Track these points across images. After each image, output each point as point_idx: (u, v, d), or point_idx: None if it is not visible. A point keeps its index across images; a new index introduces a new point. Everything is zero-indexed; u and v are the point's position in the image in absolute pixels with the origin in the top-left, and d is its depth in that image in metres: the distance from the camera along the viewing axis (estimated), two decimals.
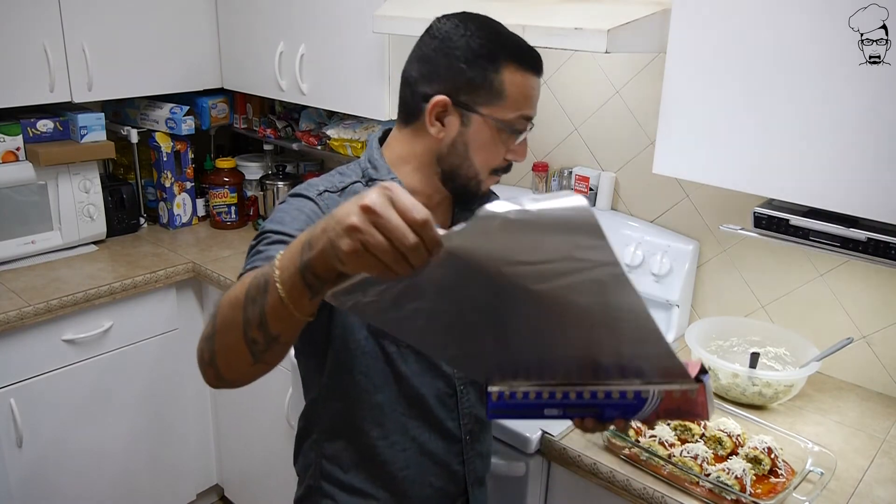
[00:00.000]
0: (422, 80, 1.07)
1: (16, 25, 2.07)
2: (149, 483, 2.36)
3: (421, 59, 1.08)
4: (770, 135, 1.33)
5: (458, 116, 1.06)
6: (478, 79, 1.04)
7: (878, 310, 1.61)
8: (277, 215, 1.06)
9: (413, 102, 1.09)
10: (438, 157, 1.10)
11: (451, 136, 1.07)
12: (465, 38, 1.04)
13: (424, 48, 1.08)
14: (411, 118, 1.10)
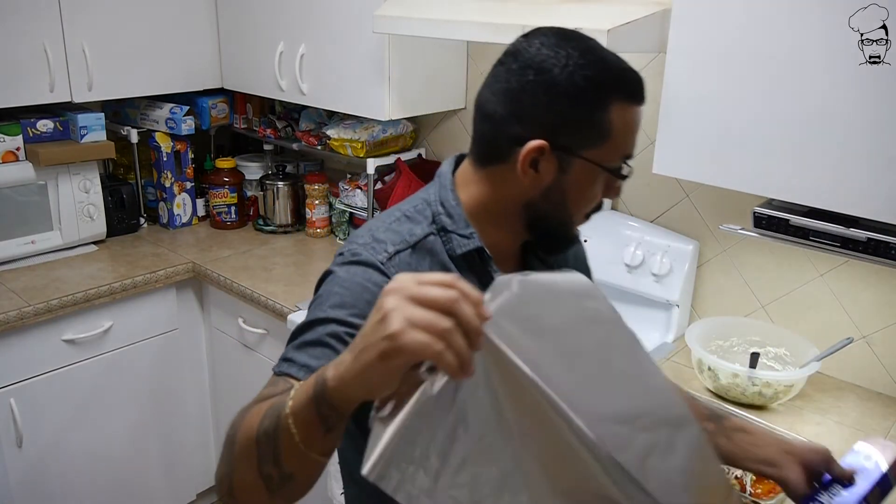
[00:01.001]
0: (511, 119, 0.91)
1: (16, 25, 2.07)
2: (149, 483, 2.36)
3: (509, 93, 0.91)
4: (770, 135, 1.33)
5: (555, 162, 0.91)
6: (583, 119, 0.89)
7: (878, 310, 1.61)
8: (336, 290, 0.89)
9: (499, 143, 0.93)
10: (527, 204, 0.95)
11: (545, 183, 0.92)
12: (567, 71, 0.88)
13: (513, 80, 0.91)
14: (494, 160, 0.94)
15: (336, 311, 0.87)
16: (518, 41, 0.93)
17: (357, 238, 0.96)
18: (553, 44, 0.90)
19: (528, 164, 0.90)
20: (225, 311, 2.28)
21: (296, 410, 0.66)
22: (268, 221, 2.62)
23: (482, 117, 0.95)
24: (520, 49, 0.92)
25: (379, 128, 2.27)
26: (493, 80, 0.94)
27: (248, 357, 2.24)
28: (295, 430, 0.66)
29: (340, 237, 2.53)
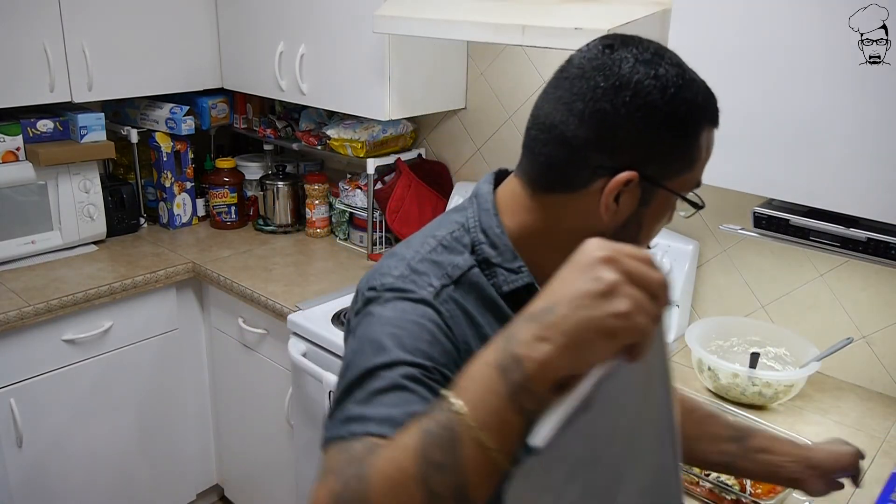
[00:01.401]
0: (599, 146, 0.77)
1: (16, 25, 2.07)
2: (149, 483, 2.36)
3: (598, 116, 0.76)
4: (770, 135, 1.33)
5: (638, 193, 0.80)
6: (677, 148, 0.80)
7: (878, 310, 1.61)
8: (390, 330, 0.74)
9: (574, 171, 0.79)
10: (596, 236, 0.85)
11: (623, 216, 0.81)
12: (669, 94, 0.77)
13: (605, 101, 0.76)
14: (562, 188, 0.80)
15: (402, 353, 0.72)
16: (599, 52, 0.79)
17: (390, 269, 0.81)
18: (647, 60, 0.78)
19: (613, 197, 0.79)
20: (225, 311, 2.29)
21: (485, 419, 0.55)
22: (268, 221, 2.62)
23: (554, 140, 0.79)
24: (608, 63, 0.77)
25: (379, 128, 2.27)
26: (569, 95, 0.78)
27: (248, 357, 2.24)
28: (491, 443, 0.55)
29: (340, 237, 2.53)
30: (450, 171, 2.41)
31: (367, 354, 0.73)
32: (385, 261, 0.84)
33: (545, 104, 0.82)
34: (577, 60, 0.81)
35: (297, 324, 1.91)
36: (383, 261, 0.84)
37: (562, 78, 0.81)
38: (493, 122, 2.24)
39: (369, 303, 0.79)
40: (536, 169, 0.82)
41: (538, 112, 0.83)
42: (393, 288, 0.79)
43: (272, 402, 2.17)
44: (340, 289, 2.10)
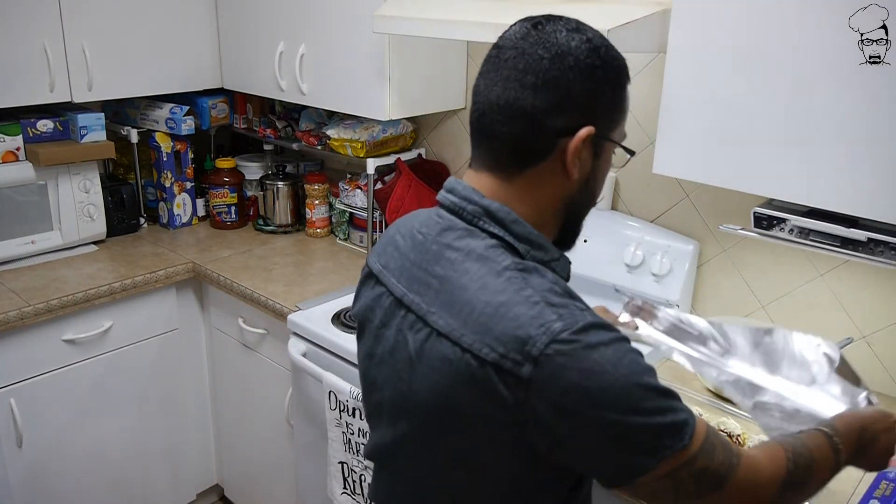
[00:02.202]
0: (554, 111, 0.84)
1: (16, 25, 2.07)
2: (149, 483, 2.36)
3: (550, 83, 0.83)
4: (770, 135, 1.33)
5: (591, 148, 0.88)
6: (617, 101, 0.89)
7: (878, 310, 1.61)
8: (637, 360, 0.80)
9: (537, 140, 0.85)
10: (568, 202, 0.90)
11: (584, 172, 0.89)
12: (602, 54, 0.85)
13: (553, 69, 0.83)
14: (531, 161, 0.87)
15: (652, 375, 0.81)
16: (529, 29, 0.86)
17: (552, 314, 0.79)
18: (575, 28, 0.86)
19: (578, 153, 0.85)
20: (225, 311, 2.29)
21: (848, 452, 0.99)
22: (268, 221, 2.62)
23: (514, 116, 0.85)
24: (543, 37, 0.84)
25: (379, 128, 2.27)
26: (516, 73, 0.84)
27: (248, 357, 2.24)
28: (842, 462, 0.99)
29: (340, 237, 2.53)
30: (450, 171, 2.41)
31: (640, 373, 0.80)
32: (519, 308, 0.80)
33: (493, 90, 0.86)
34: (509, 42, 0.87)
35: (297, 324, 1.91)
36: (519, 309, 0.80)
37: (500, 60, 0.87)
38: None
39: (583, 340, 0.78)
40: (504, 152, 0.87)
41: (488, 98, 0.87)
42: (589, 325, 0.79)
43: (272, 402, 2.17)
44: (340, 289, 2.10)
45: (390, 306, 0.94)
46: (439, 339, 0.84)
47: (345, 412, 1.71)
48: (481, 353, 0.79)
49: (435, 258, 0.89)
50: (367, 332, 0.99)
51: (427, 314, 0.87)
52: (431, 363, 0.85)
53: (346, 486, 1.77)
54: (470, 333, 0.81)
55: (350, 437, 1.72)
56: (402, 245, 0.95)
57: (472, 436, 0.85)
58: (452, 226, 0.90)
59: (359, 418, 1.68)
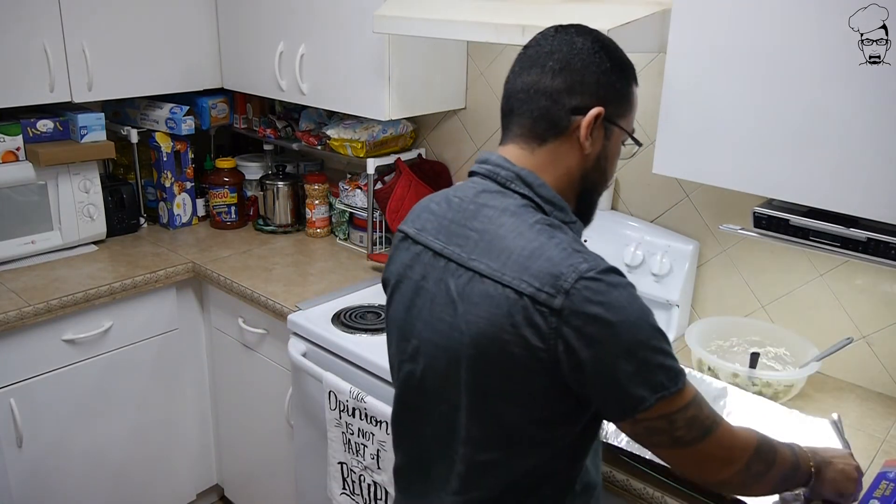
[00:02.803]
0: (570, 92, 1.01)
1: (16, 25, 2.07)
2: (149, 483, 2.36)
3: (566, 69, 1.01)
4: (770, 135, 1.33)
5: (602, 130, 1.03)
6: (625, 92, 1.05)
7: (878, 310, 1.61)
8: (645, 304, 0.95)
9: (557, 115, 1.02)
10: (584, 174, 1.05)
11: (596, 150, 1.04)
12: (611, 50, 1.04)
13: (564, 58, 1.02)
14: (552, 133, 1.03)
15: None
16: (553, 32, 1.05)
17: (579, 258, 0.93)
18: (588, 31, 1.05)
19: (590, 130, 1.01)
20: (225, 311, 2.29)
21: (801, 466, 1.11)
22: (268, 221, 2.62)
23: (535, 95, 1.02)
24: (563, 37, 1.04)
25: (379, 128, 2.27)
26: (540, 63, 1.02)
27: (248, 357, 2.24)
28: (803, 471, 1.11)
29: (340, 237, 2.53)
30: (450, 171, 2.41)
31: (649, 315, 0.93)
32: (551, 252, 0.94)
33: (519, 78, 1.05)
34: (535, 42, 1.06)
35: (297, 324, 1.91)
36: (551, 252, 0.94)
37: (526, 57, 1.05)
38: (493, 122, 2.24)
39: (622, 282, 0.93)
40: (527, 125, 1.04)
41: (515, 85, 1.05)
42: (614, 269, 0.94)
43: (272, 402, 2.17)
44: (340, 289, 2.10)
45: (430, 260, 1.05)
46: (481, 280, 0.97)
47: (345, 412, 1.71)
48: (520, 287, 0.93)
49: (473, 215, 1.03)
50: (405, 287, 1.09)
51: (468, 261, 1.00)
52: (474, 300, 0.97)
53: (346, 486, 1.77)
54: (509, 272, 0.95)
55: (350, 438, 1.72)
56: (438, 209, 1.08)
57: (509, 363, 0.95)
58: (487, 188, 1.04)
59: (358, 418, 1.68)
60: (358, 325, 1.86)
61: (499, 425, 1.00)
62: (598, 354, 0.91)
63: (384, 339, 1.81)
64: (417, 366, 1.08)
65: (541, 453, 1.02)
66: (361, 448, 1.69)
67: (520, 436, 1.00)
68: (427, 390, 1.08)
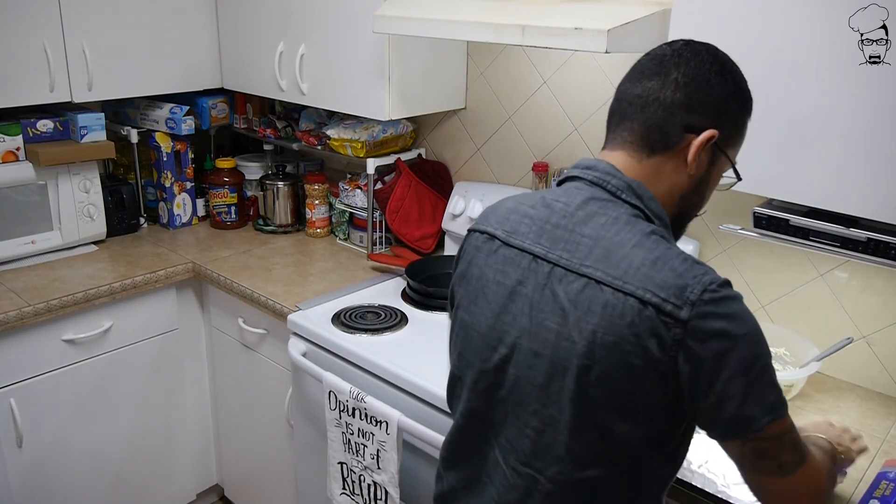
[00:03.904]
0: (689, 109, 0.98)
1: (16, 25, 2.07)
2: (149, 483, 2.36)
3: (692, 83, 0.98)
4: (770, 135, 1.33)
5: (709, 153, 1.01)
6: (741, 121, 1.03)
7: (878, 310, 1.61)
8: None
9: (671, 129, 0.98)
10: (683, 194, 1.03)
11: (699, 173, 1.01)
12: (740, 77, 1.02)
13: (693, 70, 0.98)
14: (661, 146, 0.99)
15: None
16: (682, 44, 1.02)
17: (701, 269, 0.92)
18: (719, 51, 1.03)
19: (699, 151, 0.98)
20: (225, 311, 2.29)
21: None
22: (268, 221, 2.62)
23: (652, 104, 0.99)
24: (695, 47, 1.00)
25: (379, 128, 2.27)
26: (662, 71, 0.99)
27: (248, 357, 2.24)
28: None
29: (340, 237, 2.53)
30: (450, 171, 2.41)
31: (763, 342, 0.92)
32: (674, 262, 0.92)
33: (638, 84, 1.00)
34: (661, 51, 1.02)
35: (297, 324, 1.91)
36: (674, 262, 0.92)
37: (648, 63, 1.01)
38: (493, 122, 2.24)
39: (727, 292, 0.91)
40: (639, 132, 1.00)
41: (631, 90, 1.01)
42: (727, 281, 0.93)
43: (272, 402, 2.17)
44: (340, 289, 2.10)
45: (529, 264, 1.01)
46: (599, 287, 0.93)
47: (344, 412, 1.71)
48: (644, 297, 0.90)
49: (583, 221, 0.99)
50: (492, 292, 1.04)
51: (580, 267, 0.95)
52: (590, 307, 0.93)
53: (346, 486, 1.77)
54: (632, 281, 0.91)
55: (350, 438, 1.72)
56: (535, 213, 1.04)
57: (627, 374, 0.92)
58: (596, 196, 1.00)
59: (358, 418, 1.68)
60: (358, 325, 1.86)
61: (605, 440, 0.96)
62: (718, 368, 0.89)
63: (384, 338, 1.82)
64: (505, 377, 1.02)
65: (639, 473, 0.99)
66: (361, 448, 1.69)
67: (625, 452, 0.96)
68: (514, 403, 1.02)
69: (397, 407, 1.61)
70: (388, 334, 1.83)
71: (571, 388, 0.95)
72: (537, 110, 2.12)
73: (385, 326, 1.85)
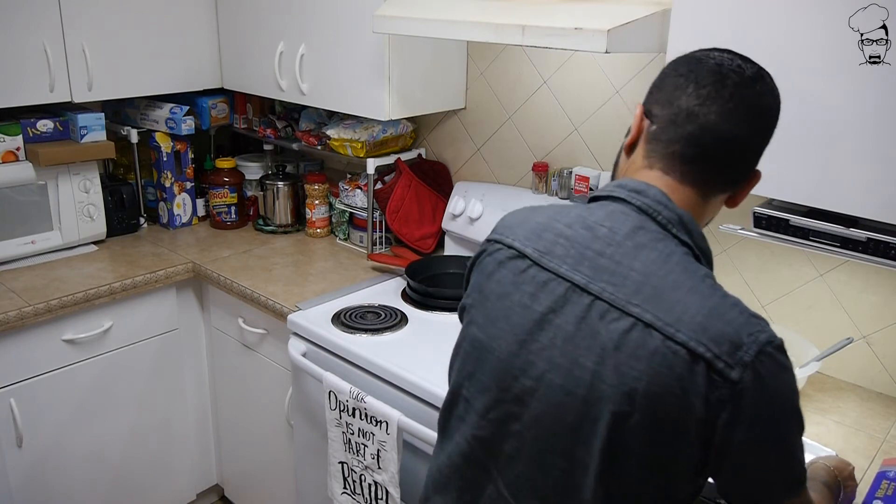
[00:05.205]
0: (759, 151, 0.98)
1: (16, 25, 2.07)
2: (149, 483, 2.36)
3: (769, 133, 0.98)
4: None
5: None
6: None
7: (878, 310, 1.61)
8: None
9: (743, 170, 0.98)
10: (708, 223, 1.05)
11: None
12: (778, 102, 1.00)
13: (772, 120, 0.98)
14: (729, 185, 0.99)
15: None
16: (753, 71, 0.97)
17: (765, 323, 0.88)
18: (769, 74, 1.00)
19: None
20: (225, 311, 2.29)
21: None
22: (268, 221, 2.62)
23: (742, 152, 0.96)
24: (762, 75, 0.97)
25: (379, 128, 2.27)
26: (756, 113, 0.96)
27: (248, 357, 2.24)
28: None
29: (340, 237, 2.53)
30: (450, 171, 2.41)
31: (799, 413, 0.89)
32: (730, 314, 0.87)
33: (726, 123, 0.93)
34: (749, 83, 0.95)
35: (297, 324, 1.91)
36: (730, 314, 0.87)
37: (737, 97, 0.94)
38: (493, 122, 2.24)
39: (781, 359, 0.87)
40: (718, 177, 0.97)
41: (719, 128, 0.93)
42: (782, 344, 0.88)
43: (272, 402, 2.17)
44: (340, 289, 2.10)
45: (565, 293, 0.92)
46: (647, 331, 0.86)
47: (345, 412, 1.71)
48: (697, 350, 0.84)
49: (632, 253, 0.91)
50: (517, 316, 0.95)
51: (627, 305, 0.88)
52: (637, 353, 0.86)
53: (346, 485, 1.77)
54: (685, 330, 0.85)
55: (350, 437, 1.72)
56: (573, 234, 0.95)
57: (664, 427, 0.86)
58: (645, 226, 0.94)
59: (359, 418, 1.68)
60: (358, 325, 1.86)
61: (632, 492, 0.91)
62: (756, 436, 0.85)
63: (384, 338, 1.82)
64: (526, 410, 0.94)
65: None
66: (362, 448, 1.69)
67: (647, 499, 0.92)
68: (531, 438, 0.94)
69: (397, 407, 1.61)
70: (388, 334, 1.83)
71: (604, 435, 0.88)
72: (537, 110, 2.12)
73: (385, 326, 1.85)
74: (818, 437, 1.43)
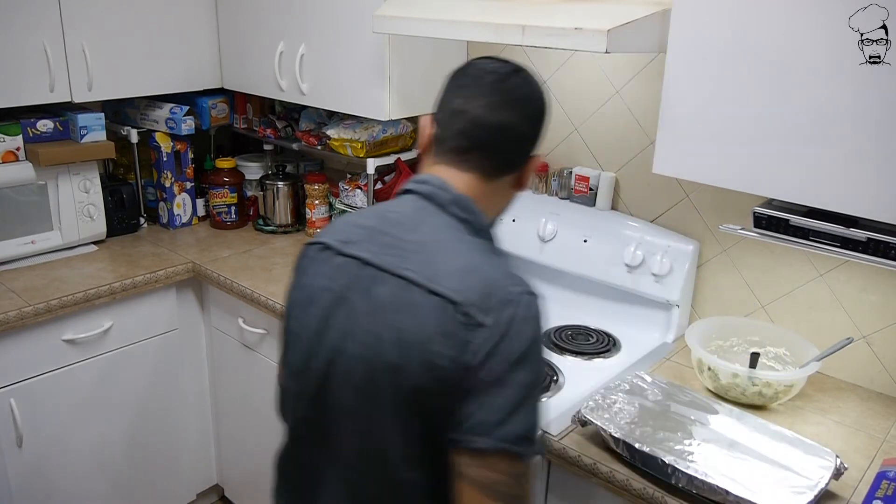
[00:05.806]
0: (534, 142, 1.11)
1: (16, 25, 2.07)
2: (149, 483, 2.36)
3: (538, 121, 1.10)
4: (770, 134, 1.33)
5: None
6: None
7: (878, 310, 1.61)
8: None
9: (520, 157, 1.10)
10: (506, 207, 1.15)
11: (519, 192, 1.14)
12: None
13: (539, 110, 1.10)
14: (504, 172, 1.10)
15: None
16: (511, 68, 1.08)
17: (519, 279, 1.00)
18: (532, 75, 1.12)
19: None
20: (225, 311, 2.29)
21: None
22: (268, 221, 2.62)
23: (512, 138, 1.08)
24: (529, 80, 1.09)
25: (379, 128, 2.28)
26: (516, 105, 1.07)
27: (248, 357, 2.24)
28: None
29: None
30: None
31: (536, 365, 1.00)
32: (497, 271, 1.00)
33: (493, 113, 1.05)
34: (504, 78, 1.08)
35: None
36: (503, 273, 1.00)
37: (497, 91, 1.06)
38: None
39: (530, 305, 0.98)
40: (493, 161, 1.08)
41: (486, 118, 1.05)
42: (537, 294, 1.00)
43: (272, 401, 2.17)
44: None
45: (357, 270, 1.03)
46: (414, 287, 0.97)
47: None
48: (452, 297, 0.95)
49: (410, 229, 1.04)
50: (322, 299, 1.05)
51: (401, 270, 0.99)
52: (402, 308, 0.97)
53: None
54: (444, 282, 0.96)
55: None
56: (369, 223, 1.09)
57: (433, 374, 0.94)
58: (426, 208, 1.06)
59: None
60: None
61: (426, 439, 0.98)
62: (490, 375, 0.93)
63: None
64: (330, 382, 1.04)
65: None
66: None
67: (444, 455, 0.97)
68: (337, 407, 1.04)
69: None
70: None
71: (387, 389, 0.97)
72: None
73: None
74: (818, 437, 1.43)
